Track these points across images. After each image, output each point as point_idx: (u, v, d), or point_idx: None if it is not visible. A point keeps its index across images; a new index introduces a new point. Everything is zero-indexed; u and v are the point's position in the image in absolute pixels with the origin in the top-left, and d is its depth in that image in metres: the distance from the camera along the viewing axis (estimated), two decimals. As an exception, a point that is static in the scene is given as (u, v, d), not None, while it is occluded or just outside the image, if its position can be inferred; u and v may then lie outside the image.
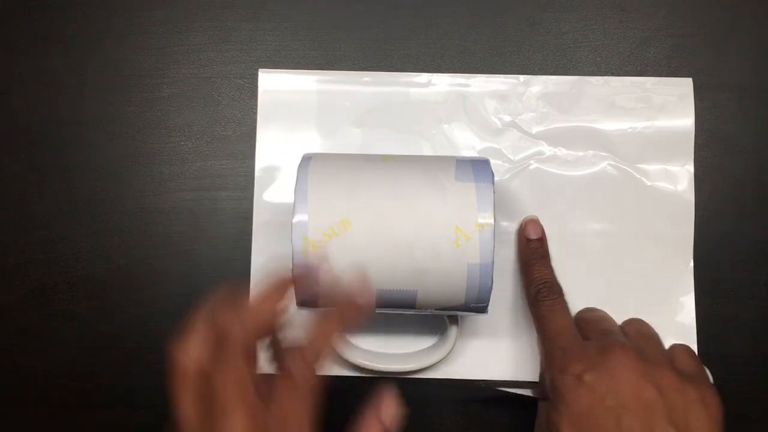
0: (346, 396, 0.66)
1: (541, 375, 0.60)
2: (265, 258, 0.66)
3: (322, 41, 0.68)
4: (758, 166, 0.67)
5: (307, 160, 0.58)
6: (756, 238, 0.66)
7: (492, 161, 0.65)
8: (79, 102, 0.68)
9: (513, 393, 0.62)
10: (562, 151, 0.67)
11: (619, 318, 0.63)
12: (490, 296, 0.57)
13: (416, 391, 0.64)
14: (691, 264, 0.66)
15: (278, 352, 0.54)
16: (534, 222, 0.64)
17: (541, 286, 0.61)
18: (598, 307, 0.64)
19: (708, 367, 0.64)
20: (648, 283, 0.66)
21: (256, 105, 0.67)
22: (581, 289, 0.65)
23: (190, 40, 0.68)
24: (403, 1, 0.68)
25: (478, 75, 0.67)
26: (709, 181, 0.66)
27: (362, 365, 0.64)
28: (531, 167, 0.67)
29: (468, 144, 0.67)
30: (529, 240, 0.64)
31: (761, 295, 0.66)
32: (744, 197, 0.66)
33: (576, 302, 0.65)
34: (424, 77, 0.67)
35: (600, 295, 0.65)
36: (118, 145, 0.68)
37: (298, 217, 0.55)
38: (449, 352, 0.63)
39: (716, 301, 0.66)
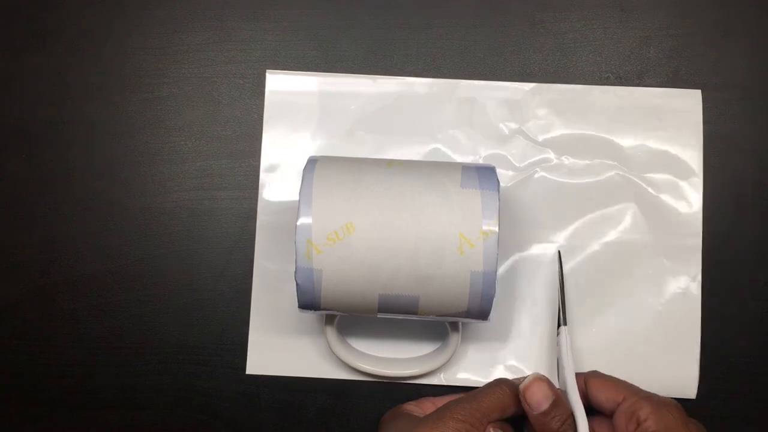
0: (348, 400, 0.66)
1: None
2: (268, 260, 0.66)
3: (322, 41, 0.68)
4: (758, 166, 0.67)
5: (312, 162, 0.58)
6: (756, 238, 0.66)
7: (498, 168, 0.65)
8: (80, 102, 0.67)
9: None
10: (568, 160, 0.66)
11: (624, 329, 0.64)
12: (492, 304, 0.57)
13: (417, 397, 0.64)
14: (700, 276, 0.66)
15: None
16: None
17: None
18: (602, 317, 0.65)
19: (708, 367, 0.64)
20: (654, 294, 0.65)
21: (257, 105, 0.67)
22: (587, 300, 0.65)
23: (190, 40, 0.68)
24: (403, 1, 0.68)
25: (485, 81, 0.67)
26: (709, 181, 0.66)
27: (363, 370, 0.64)
28: (537, 175, 0.66)
29: (474, 150, 0.67)
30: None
31: (761, 295, 0.66)
32: (744, 197, 0.67)
33: (580, 313, 0.65)
34: (430, 82, 0.67)
35: (606, 305, 0.66)
36: (118, 145, 0.67)
37: (302, 220, 0.55)
38: (450, 358, 0.63)
39: (716, 301, 0.66)
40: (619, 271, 0.66)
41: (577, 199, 0.66)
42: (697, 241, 0.66)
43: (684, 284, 0.66)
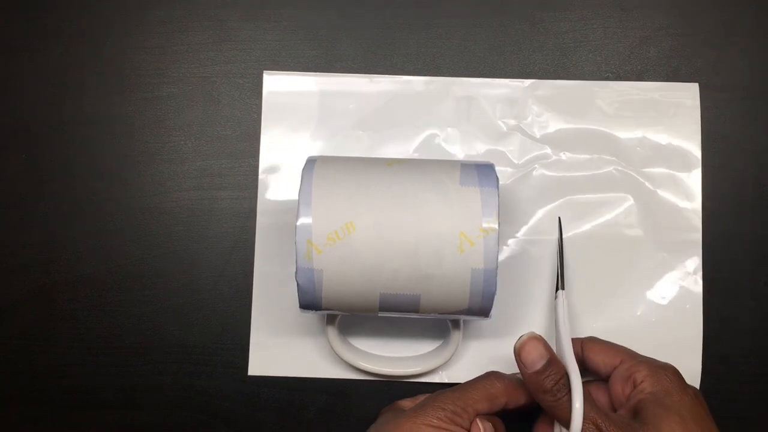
0: (348, 400, 0.66)
1: None
2: (268, 260, 0.66)
3: (322, 41, 0.68)
4: (758, 166, 0.67)
5: (311, 162, 0.58)
6: (756, 238, 0.66)
7: (497, 165, 0.65)
8: (79, 102, 0.67)
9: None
10: (567, 156, 0.67)
11: (625, 324, 0.64)
12: (493, 302, 0.57)
13: (419, 394, 0.64)
14: (700, 272, 0.66)
15: None
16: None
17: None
18: (603, 312, 0.65)
19: (708, 367, 0.64)
20: (654, 289, 0.66)
21: (256, 104, 0.67)
22: (586, 295, 0.65)
23: (190, 40, 0.68)
24: (403, 1, 0.68)
25: (484, 78, 0.67)
26: (709, 181, 0.66)
27: (366, 369, 0.64)
28: (536, 171, 0.66)
29: (473, 148, 0.67)
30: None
31: (761, 295, 0.66)
32: (744, 197, 0.67)
33: (581, 308, 0.65)
34: (428, 80, 0.67)
35: (605, 300, 0.66)
36: (118, 145, 0.67)
37: (302, 220, 0.55)
38: (451, 356, 0.63)
39: (716, 301, 0.66)
40: (620, 266, 0.66)
41: (577, 195, 0.66)
42: (698, 235, 0.66)
43: (685, 279, 0.66)
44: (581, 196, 0.66)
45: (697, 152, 0.67)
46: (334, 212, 0.55)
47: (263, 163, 0.67)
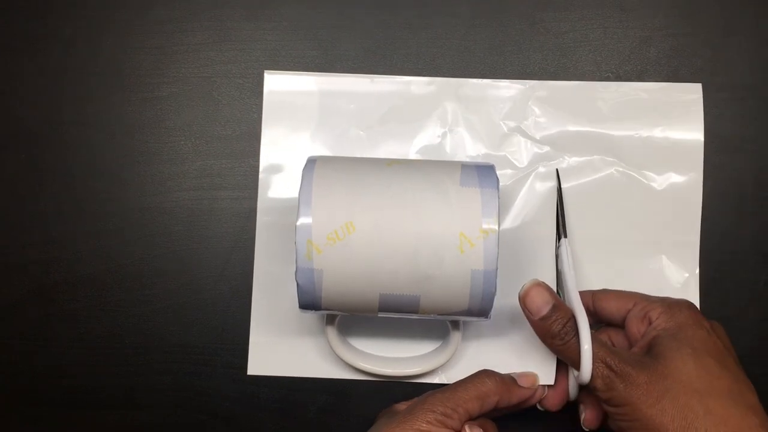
0: (348, 400, 0.66)
1: None
2: (268, 260, 0.66)
3: (322, 41, 0.68)
4: (758, 166, 0.67)
5: (311, 162, 0.58)
6: (756, 238, 0.66)
7: (497, 166, 0.64)
8: (79, 102, 0.67)
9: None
10: (567, 157, 0.66)
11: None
12: (493, 303, 0.57)
13: (417, 396, 0.64)
14: (697, 272, 0.66)
15: None
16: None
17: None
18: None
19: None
20: (653, 290, 0.65)
21: (256, 104, 0.67)
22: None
23: (190, 39, 0.68)
24: (403, 1, 0.68)
25: (484, 79, 0.67)
26: (709, 180, 0.66)
27: (365, 369, 0.64)
28: (536, 172, 0.66)
29: (473, 149, 0.67)
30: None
31: (761, 295, 0.66)
32: (744, 197, 0.67)
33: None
34: (429, 81, 0.67)
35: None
36: (118, 145, 0.67)
37: (302, 220, 0.55)
38: (451, 357, 0.63)
39: (716, 301, 0.66)
40: (619, 268, 0.66)
41: (576, 196, 0.66)
42: (696, 237, 0.66)
43: (683, 280, 0.66)
44: (581, 197, 0.66)
45: (699, 153, 0.66)
46: (334, 212, 0.55)
47: (263, 163, 0.67)
